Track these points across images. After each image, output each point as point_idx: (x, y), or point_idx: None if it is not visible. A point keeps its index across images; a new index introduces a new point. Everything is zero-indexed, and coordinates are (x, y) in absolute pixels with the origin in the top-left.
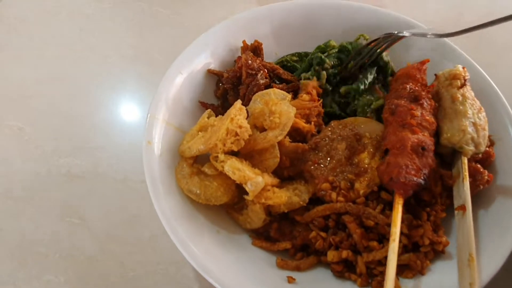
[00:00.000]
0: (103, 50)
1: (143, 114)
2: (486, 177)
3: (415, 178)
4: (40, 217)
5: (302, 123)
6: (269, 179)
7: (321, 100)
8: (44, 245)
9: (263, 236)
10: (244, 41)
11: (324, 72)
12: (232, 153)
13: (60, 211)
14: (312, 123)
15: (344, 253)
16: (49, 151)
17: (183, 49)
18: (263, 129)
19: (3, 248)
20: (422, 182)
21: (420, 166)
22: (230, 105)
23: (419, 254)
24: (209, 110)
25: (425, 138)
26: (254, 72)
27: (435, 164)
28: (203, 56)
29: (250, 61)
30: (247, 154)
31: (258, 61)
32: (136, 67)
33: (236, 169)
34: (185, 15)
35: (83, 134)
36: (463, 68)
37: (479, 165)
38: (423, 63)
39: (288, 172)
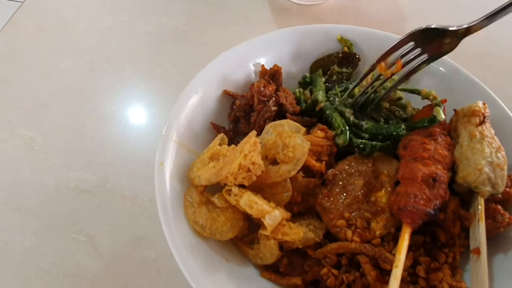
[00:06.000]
0: (119, 62)
1: (155, 131)
2: (506, 219)
3: (423, 208)
4: (45, 232)
5: (313, 161)
6: (283, 213)
7: (335, 139)
8: (48, 261)
9: (272, 269)
10: (262, 66)
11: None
12: (241, 186)
13: (66, 227)
14: (324, 162)
15: None
16: (59, 163)
17: (199, 65)
18: (274, 161)
19: (7, 262)
20: (432, 212)
21: (431, 197)
22: (241, 132)
23: None
24: (221, 135)
25: (437, 170)
26: (266, 99)
27: (448, 196)
28: (220, 76)
29: (262, 88)
30: (257, 186)
31: (271, 88)
32: (151, 81)
33: (253, 202)
34: (203, 32)
35: (94, 147)
36: (484, 104)
37: (499, 206)
38: (444, 128)
39: (298, 208)
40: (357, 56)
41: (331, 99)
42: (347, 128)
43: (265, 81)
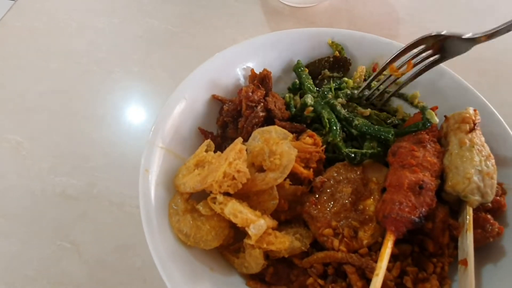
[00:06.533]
0: (108, 65)
1: (145, 135)
2: (496, 229)
3: (408, 215)
4: (30, 238)
5: (300, 168)
6: (269, 222)
7: (324, 146)
8: (33, 268)
9: (258, 278)
10: (252, 70)
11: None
12: (227, 194)
13: (52, 233)
14: (311, 169)
15: None
16: (45, 168)
17: (189, 68)
18: (261, 168)
19: None
20: (417, 219)
21: (416, 204)
22: (229, 137)
23: None
24: (208, 141)
25: (424, 177)
26: (254, 104)
27: (435, 204)
28: (209, 80)
29: (251, 93)
30: (243, 194)
31: (259, 93)
32: (140, 84)
33: (238, 211)
34: (194, 34)
35: (82, 152)
36: (475, 110)
37: (489, 216)
38: (434, 134)
39: (285, 216)
40: (348, 60)
41: (324, 93)
42: (338, 125)
43: (254, 85)
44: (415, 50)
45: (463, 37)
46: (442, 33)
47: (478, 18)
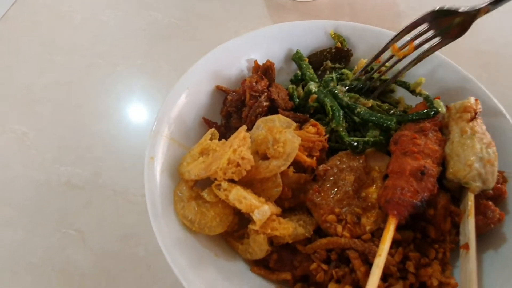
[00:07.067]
0: (112, 58)
1: (148, 126)
2: (497, 215)
3: (410, 200)
4: (35, 226)
5: (304, 157)
6: (273, 208)
7: (327, 135)
8: (38, 256)
9: (262, 264)
10: (255, 61)
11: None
12: (231, 181)
13: (57, 222)
14: (315, 158)
15: None
16: (50, 158)
17: (192, 61)
18: (265, 157)
19: None
20: (419, 203)
21: (418, 189)
22: (233, 127)
23: None
24: (212, 130)
25: (426, 163)
26: (258, 94)
27: (436, 189)
28: (213, 71)
29: (254, 83)
30: (247, 181)
31: (263, 83)
32: (144, 77)
33: (242, 197)
34: (198, 28)
35: (86, 142)
36: (476, 100)
37: (490, 202)
38: (436, 124)
39: (288, 204)
40: (349, 51)
41: (326, 82)
42: (340, 111)
43: (257, 76)
44: (418, 29)
45: (465, 10)
46: (445, 8)
47: None
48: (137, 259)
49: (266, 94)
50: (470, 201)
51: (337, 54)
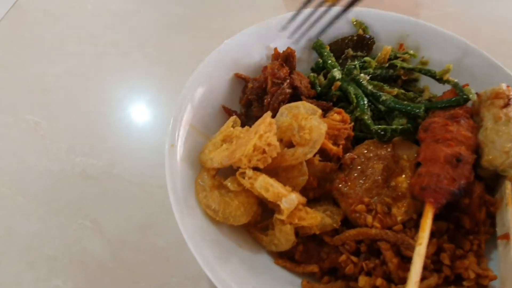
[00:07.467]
0: (125, 47)
1: (161, 116)
2: None
3: (447, 187)
4: (51, 217)
5: (329, 145)
6: (300, 198)
7: (352, 124)
8: (54, 247)
9: (286, 257)
10: (275, 49)
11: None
12: (256, 169)
13: (72, 213)
14: (340, 146)
15: (379, 281)
16: (64, 148)
17: (206, 52)
18: (289, 144)
19: (12, 248)
20: (456, 191)
21: (455, 177)
22: (254, 116)
23: None
24: (234, 117)
25: (461, 150)
26: (280, 81)
27: (473, 177)
28: (231, 59)
29: (276, 70)
30: (271, 170)
31: (285, 70)
32: (157, 67)
33: (269, 185)
34: (211, 18)
35: (100, 133)
36: (508, 86)
37: None
38: (467, 110)
39: (313, 194)
40: (372, 39)
41: (349, 70)
42: (365, 99)
43: (278, 63)
44: None
45: None
46: None
47: None
48: (155, 250)
49: (288, 81)
50: (508, 189)
51: (359, 42)
